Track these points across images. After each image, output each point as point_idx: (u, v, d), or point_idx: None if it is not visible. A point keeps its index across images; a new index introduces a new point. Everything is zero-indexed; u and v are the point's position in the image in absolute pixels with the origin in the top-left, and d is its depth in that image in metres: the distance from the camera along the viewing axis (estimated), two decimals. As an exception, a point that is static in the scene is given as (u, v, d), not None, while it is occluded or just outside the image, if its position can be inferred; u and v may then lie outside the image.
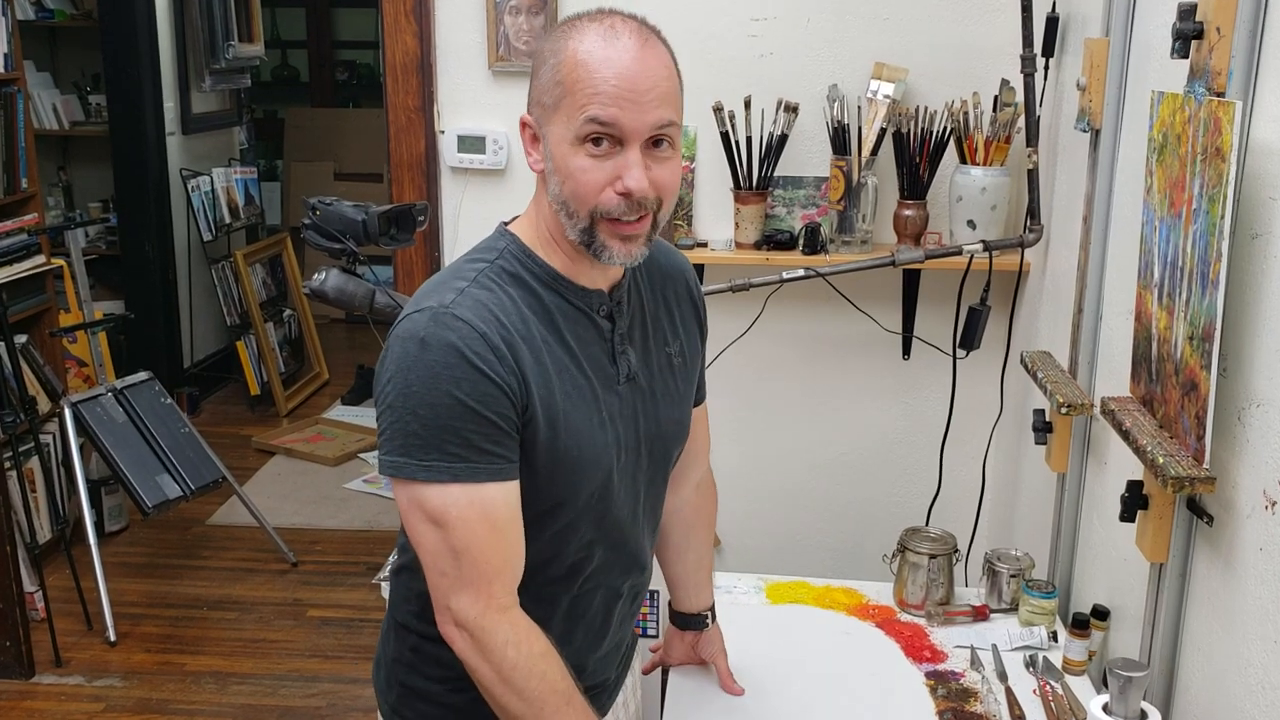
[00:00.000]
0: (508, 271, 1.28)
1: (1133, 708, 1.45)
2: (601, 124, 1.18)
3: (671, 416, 1.41)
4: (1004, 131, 2.42)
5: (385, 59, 2.65)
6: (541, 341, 1.25)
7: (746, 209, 2.56)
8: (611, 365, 1.32)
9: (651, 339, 1.39)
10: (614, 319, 1.33)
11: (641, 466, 1.38)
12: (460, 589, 1.23)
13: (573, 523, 1.32)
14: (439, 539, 1.23)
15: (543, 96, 1.23)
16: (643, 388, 1.36)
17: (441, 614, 1.26)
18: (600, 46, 1.19)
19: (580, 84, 1.18)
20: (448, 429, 1.19)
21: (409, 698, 1.42)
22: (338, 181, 6.87)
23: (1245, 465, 1.40)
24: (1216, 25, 1.42)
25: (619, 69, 1.18)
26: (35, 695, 3.10)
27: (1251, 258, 1.39)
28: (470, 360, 1.19)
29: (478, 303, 1.22)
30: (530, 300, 1.27)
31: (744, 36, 2.56)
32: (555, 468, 1.26)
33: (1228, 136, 1.34)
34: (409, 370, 1.19)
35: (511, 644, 1.25)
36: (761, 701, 1.77)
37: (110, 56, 4.88)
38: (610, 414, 1.31)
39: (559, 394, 1.25)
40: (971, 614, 2.02)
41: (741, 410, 2.78)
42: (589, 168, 1.20)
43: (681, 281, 1.47)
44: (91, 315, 3.79)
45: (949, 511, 2.60)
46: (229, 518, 4.17)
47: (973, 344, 2.47)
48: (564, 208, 1.23)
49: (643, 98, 1.18)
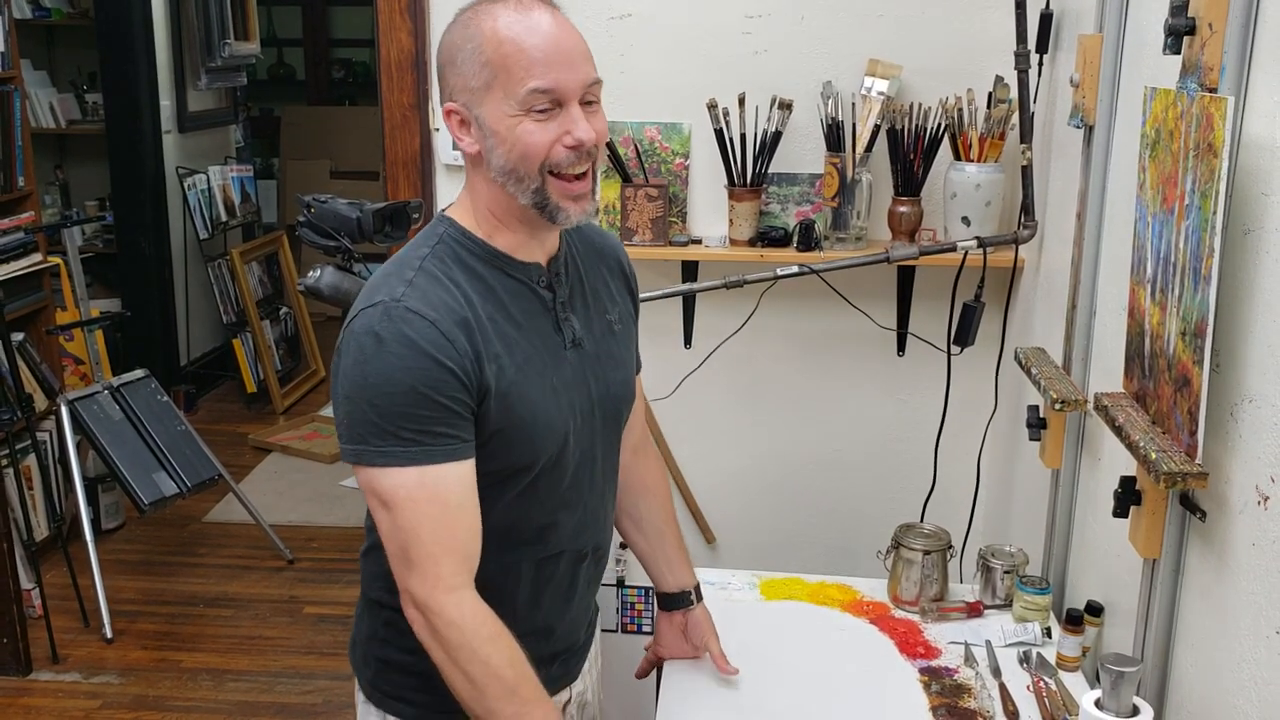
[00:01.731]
0: (450, 256, 1.35)
1: (1125, 703, 1.45)
2: (544, 91, 1.27)
3: (618, 378, 1.50)
4: (998, 128, 2.42)
5: (380, 57, 2.65)
6: (489, 319, 1.32)
7: (741, 206, 2.56)
8: (557, 333, 1.40)
9: (592, 308, 1.47)
10: (554, 289, 1.41)
11: (596, 428, 1.45)
12: (410, 570, 1.30)
13: (534, 484, 1.38)
14: (391, 521, 1.29)
15: (469, 81, 1.29)
16: (589, 353, 1.44)
17: (403, 595, 1.33)
18: (519, 22, 1.27)
19: (512, 59, 1.26)
20: (404, 415, 1.26)
21: (385, 671, 1.48)
22: (334, 179, 6.87)
23: (1238, 461, 1.40)
24: (1208, 21, 1.42)
25: (545, 39, 1.27)
26: (32, 692, 3.10)
27: (1243, 253, 1.39)
28: (424, 350, 1.26)
29: (426, 292, 1.29)
30: (474, 280, 1.34)
31: (738, 33, 2.56)
32: (514, 435, 1.33)
33: (1220, 132, 1.34)
34: (365, 364, 1.26)
35: (455, 625, 1.30)
36: (756, 698, 1.77)
37: (107, 55, 4.89)
38: (562, 380, 1.38)
39: (511, 367, 1.32)
40: (965, 610, 2.02)
41: (735, 407, 2.78)
42: (535, 130, 1.28)
43: (614, 257, 1.57)
44: (88, 313, 3.79)
45: (943, 508, 2.61)
46: (225, 515, 4.18)
47: (967, 340, 2.48)
48: (512, 175, 1.30)
49: (571, 59, 1.28)
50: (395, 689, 1.48)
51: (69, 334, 4.08)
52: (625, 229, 2.58)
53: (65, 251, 3.75)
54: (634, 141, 2.61)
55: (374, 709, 1.51)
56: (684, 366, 2.72)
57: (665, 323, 2.73)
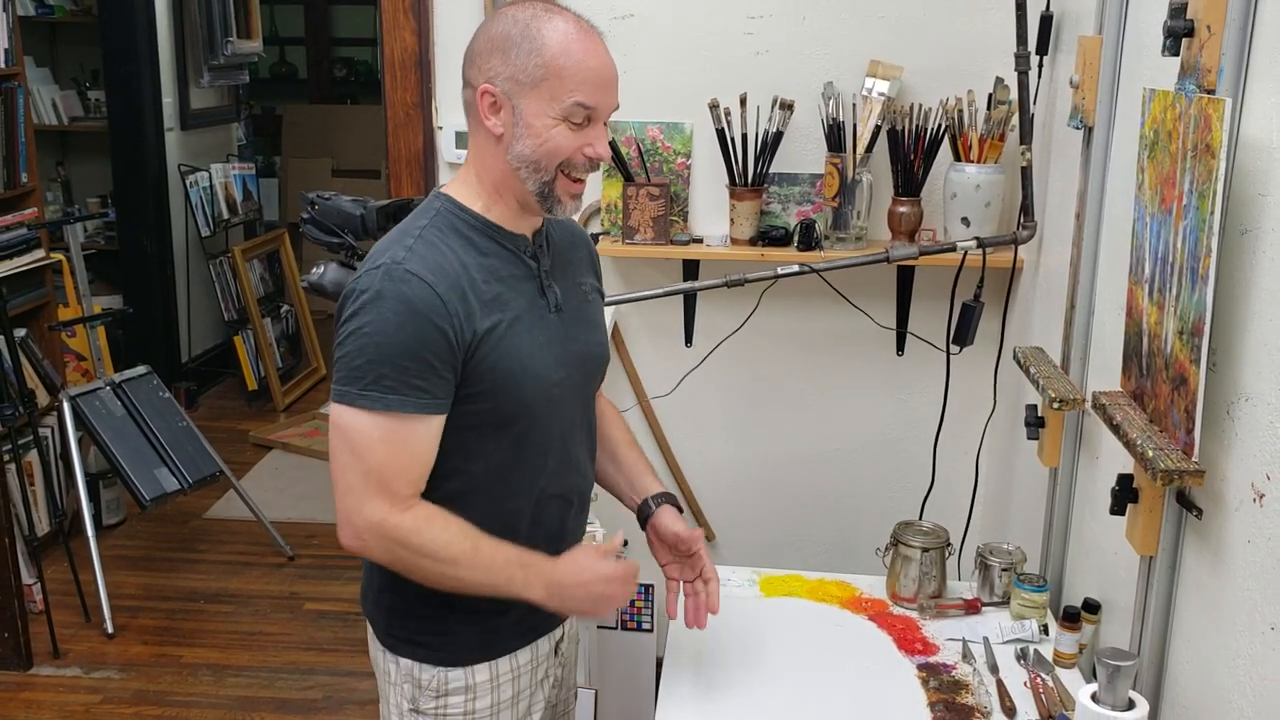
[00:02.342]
0: (446, 226, 1.49)
1: (1121, 697, 1.46)
2: (586, 107, 1.44)
3: (595, 339, 1.64)
4: (998, 129, 2.43)
5: (384, 55, 2.66)
6: (483, 281, 1.46)
7: (742, 205, 2.57)
8: (542, 297, 1.54)
9: (570, 279, 1.62)
10: (539, 258, 1.55)
11: (577, 383, 1.59)
12: (368, 498, 1.43)
13: (528, 431, 1.52)
14: (352, 455, 1.42)
15: (519, 74, 1.43)
16: (569, 316, 1.58)
17: (344, 529, 1.46)
18: (581, 42, 1.43)
19: (568, 71, 1.42)
20: (390, 366, 1.39)
21: (395, 617, 1.60)
22: (335, 178, 6.87)
23: (1234, 458, 1.41)
24: (1207, 23, 1.44)
25: (599, 63, 1.45)
26: (33, 686, 3.11)
27: (1240, 253, 1.41)
28: (418, 309, 1.39)
29: (424, 256, 1.43)
30: (468, 247, 1.48)
31: (740, 34, 2.57)
32: (507, 383, 1.47)
33: (1217, 133, 1.35)
34: (363, 316, 1.40)
35: (414, 530, 1.44)
36: (755, 692, 1.78)
37: (109, 52, 4.89)
38: (548, 337, 1.53)
39: (503, 324, 1.46)
40: (963, 607, 2.03)
41: (736, 405, 2.80)
42: (568, 136, 1.44)
43: (584, 243, 1.72)
44: (90, 309, 3.79)
45: (942, 506, 2.62)
46: (226, 511, 4.18)
47: (966, 340, 2.49)
48: (531, 165, 1.46)
49: (612, 86, 1.47)
50: (408, 633, 1.59)
51: (71, 330, 4.08)
52: (627, 227, 2.59)
53: (68, 248, 3.75)
54: (636, 141, 2.63)
55: (388, 654, 1.61)
56: (685, 364, 2.73)
57: (666, 321, 2.74)
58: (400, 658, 1.59)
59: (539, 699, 1.67)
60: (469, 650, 1.58)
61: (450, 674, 1.57)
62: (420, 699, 1.59)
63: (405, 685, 1.59)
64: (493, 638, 1.59)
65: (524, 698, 1.64)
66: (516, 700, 1.63)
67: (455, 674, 1.57)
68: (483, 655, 1.58)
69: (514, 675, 1.62)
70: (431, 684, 1.58)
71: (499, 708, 1.61)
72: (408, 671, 1.58)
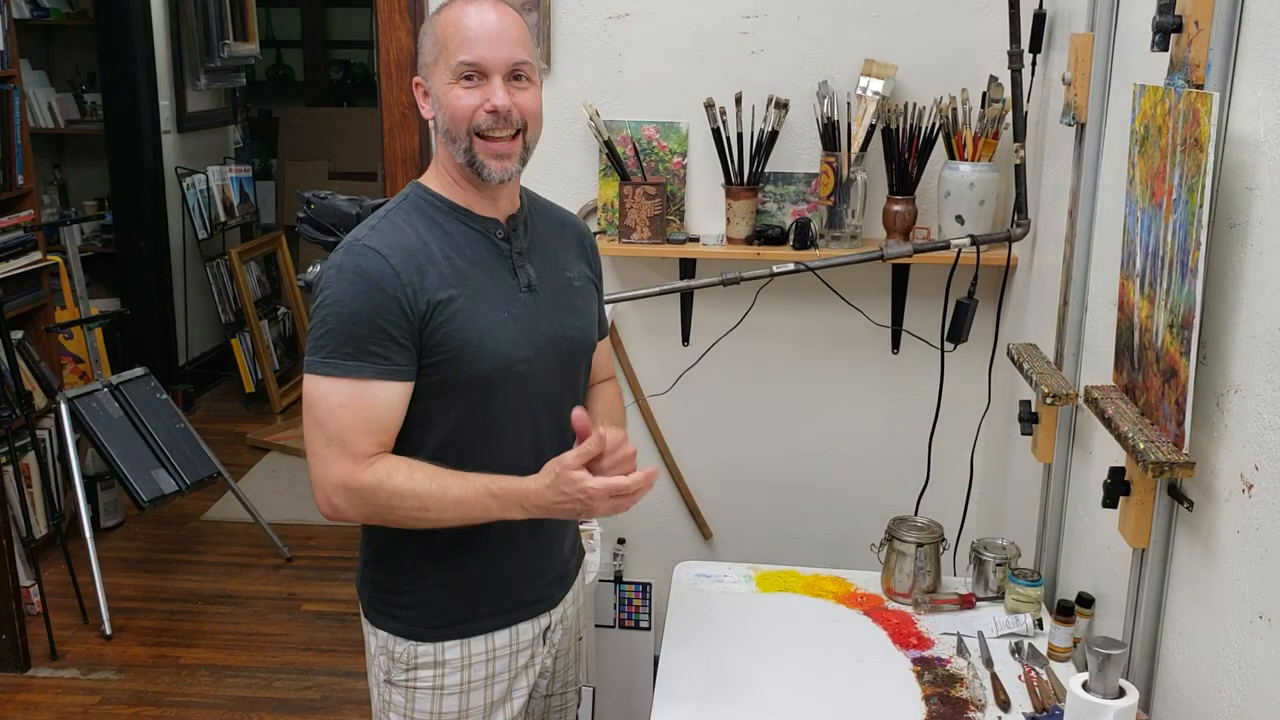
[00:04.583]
0: (413, 208, 1.58)
1: (1111, 685, 1.47)
2: (469, 64, 1.51)
3: (574, 324, 1.66)
4: (992, 127, 2.44)
5: (380, 56, 2.67)
6: (444, 257, 1.54)
7: (737, 204, 2.58)
8: (513, 277, 1.60)
9: (550, 264, 1.67)
10: (510, 240, 1.61)
11: (549, 363, 1.61)
12: (332, 461, 1.49)
13: (487, 405, 1.56)
14: (317, 426, 1.50)
15: (425, 58, 1.56)
16: (543, 297, 1.62)
17: (318, 495, 1.52)
18: (462, 8, 1.54)
19: (451, 39, 1.52)
20: (348, 334, 1.47)
21: (378, 592, 1.66)
22: (332, 180, 6.86)
23: (1224, 450, 1.42)
24: (1195, 19, 1.45)
25: (480, 23, 1.52)
26: (31, 688, 3.11)
27: (1229, 247, 1.42)
28: (372, 279, 1.48)
29: (385, 233, 1.53)
30: (432, 227, 1.56)
31: (735, 33, 2.58)
32: (465, 351, 1.52)
33: (1206, 128, 1.36)
34: (326, 290, 1.50)
35: (377, 484, 1.49)
36: (751, 688, 1.80)
37: (106, 55, 4.90)
38: (514, 314, 1.57)
39: (461, 297, 1.53)
40: (958, 602, 2.04)
41: (732, 402, 2.81)
42: (463, 95, 1.52)
43: (575, 231, 1.76)
44: (87, 312, 3.80)
45: (937, 502, 2.63)
46: (224, 513, 4.19)
47: (960, 337, 2.50)
48: (448, 136, 1.55)
49: (499, 40, 1.52)
50: (386, 607, 1.65)
51: (68, 332, 4.09)
52: (623, 226, 2.60)
53: (65, 250, 3.76)
54: (632, 140, 2.64)
55: (369, 625, 1.68)
56: (682, 363, 2.75)
57: (663, 320, 2.75)
58: (378, 629, 1.66)
59: (521, 685, 1.70)
60: (442, 625, 1.62)
61: (420, 648, 1.62)
62: (393, 670, 1.65)
63: (381, 657, 1.66)
64: (469, 615, 1.63)
65: (501, 680, 1.67)
66: (491, 682, 1.66)
67: (424, 648, 1.62)
68: (456, 633, 1.63)
69: (489, 657, 1.64)
70: (403, 656, 1.63)
71: (469, 686, 1.64)
72: (383, 644, 1.65)
